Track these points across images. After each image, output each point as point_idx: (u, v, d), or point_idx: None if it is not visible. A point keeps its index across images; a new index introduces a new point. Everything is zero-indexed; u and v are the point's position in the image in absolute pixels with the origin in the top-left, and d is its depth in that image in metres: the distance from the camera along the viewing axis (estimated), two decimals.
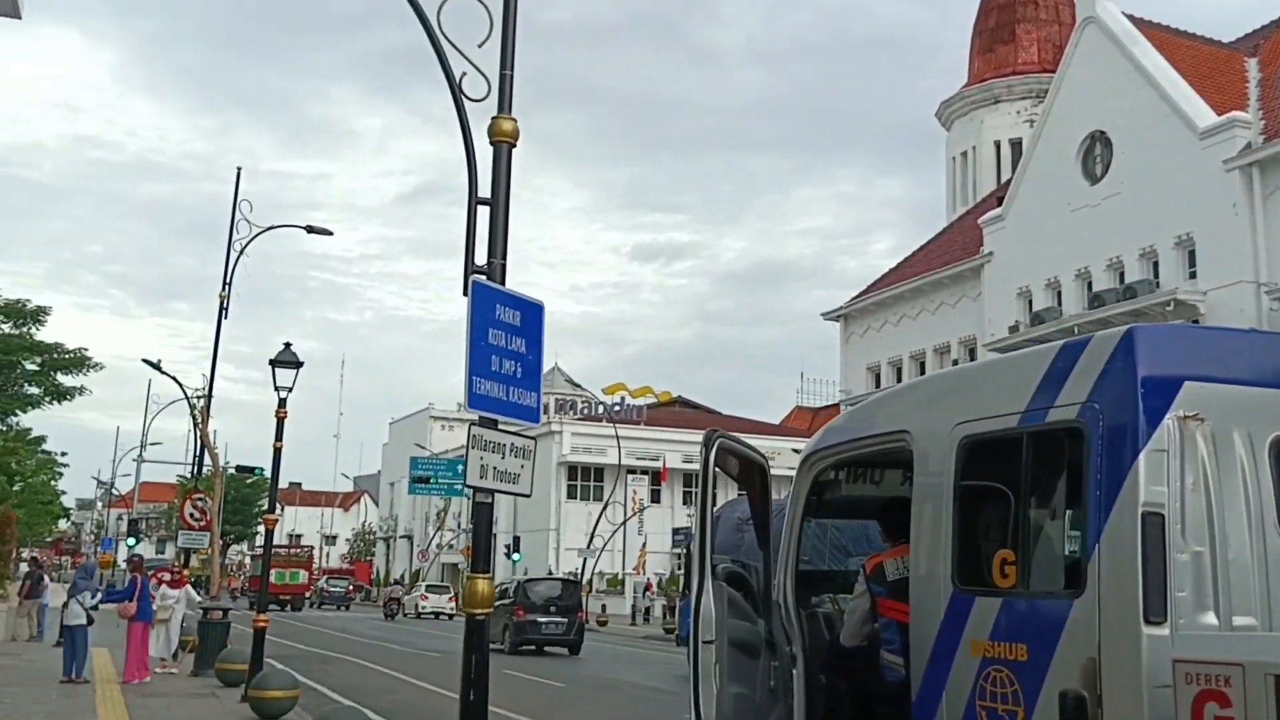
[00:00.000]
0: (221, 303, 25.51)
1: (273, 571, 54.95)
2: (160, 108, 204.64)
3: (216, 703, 15.13)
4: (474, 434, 7.08)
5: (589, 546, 54.73)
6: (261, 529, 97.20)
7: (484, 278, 7.30)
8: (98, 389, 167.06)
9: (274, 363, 15.86)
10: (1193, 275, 28.76)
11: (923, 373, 39.40)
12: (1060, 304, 32.75)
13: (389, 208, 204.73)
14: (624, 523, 59.95)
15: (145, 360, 26.76)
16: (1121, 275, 30.86)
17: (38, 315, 39.52)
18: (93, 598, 19.69)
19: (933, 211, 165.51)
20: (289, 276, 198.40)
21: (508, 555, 58.66)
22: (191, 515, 25.04)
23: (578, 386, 55.94)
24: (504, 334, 7.36)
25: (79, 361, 40.96)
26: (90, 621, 18.33)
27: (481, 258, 7.47)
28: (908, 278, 40.61)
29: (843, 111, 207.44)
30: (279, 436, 15.86)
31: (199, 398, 24.93)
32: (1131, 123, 30.79)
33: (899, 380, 40.34)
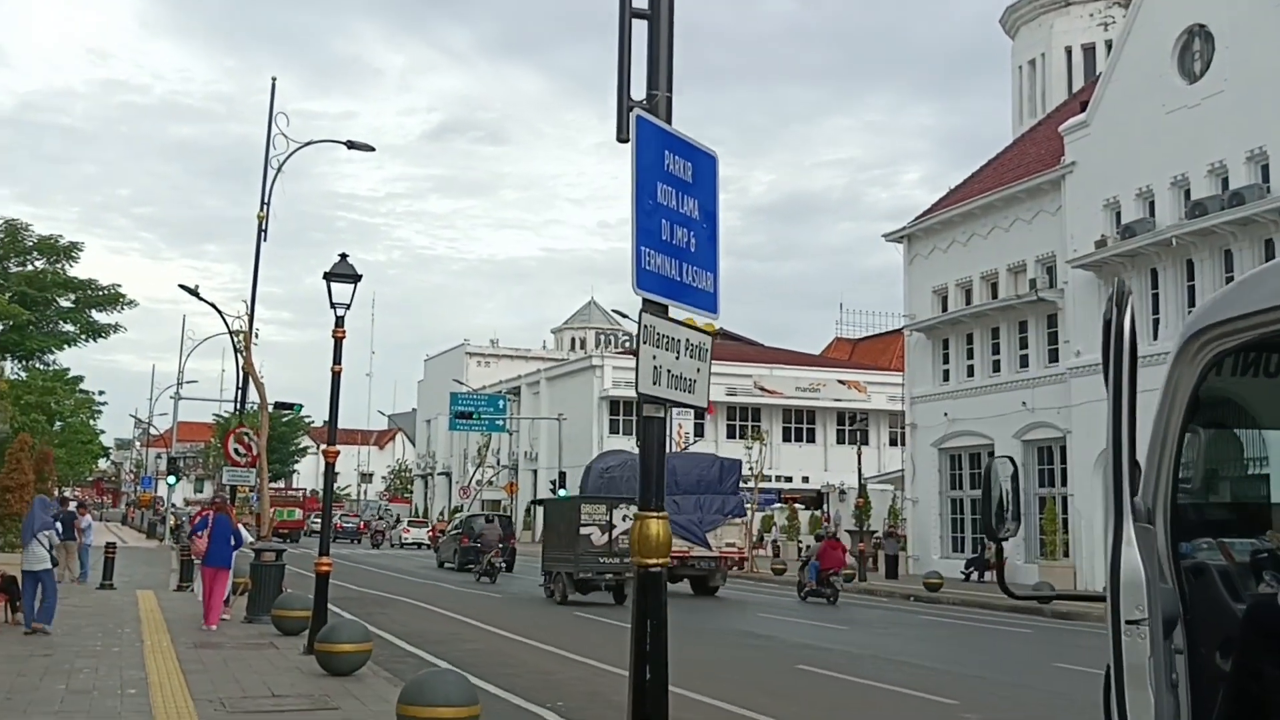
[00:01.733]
0: (260, 222, 23.84)
1: (272, 509, 56.42)
2: (184, 49, 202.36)
3: (278, 655, 13.56)
4: (645, 324, 5.26)
5: None
6: (300, 468, 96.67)
7: (648, 114, 5.40)
8: (132, 330, 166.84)
9: (329, 276, 14.08)
10: None
11: (995, 296, 37.29)
12: (1153, 215, 30.47)
13: (414, 146, 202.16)
14: None
15: (182, 286, 25.08)
16: (1225, 181, 28.53)
17: (70, 251, 38.06)
18: (60, 537, 17.52)
19: (966, 140, 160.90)
20: (317, 217, 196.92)
21: (553, 490, 57.28)
22: (236, 451, 23.53)
23: (624, 316, 53.94)
24: (674, 191, 5.48)
25: (113, 298, 39.61)
26: (55, 563, 15.95)
27: (639, 94, 5.56)
28: (977, 194, 38.27)
29: (874, 39, 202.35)
30: (337, 359, 14.13)
31: (238, 331, 23.24)
32: (1236, 14, 28.29)
33: (966, 305, 38.29)
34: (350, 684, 11.37)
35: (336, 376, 14.12)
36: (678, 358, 5.44)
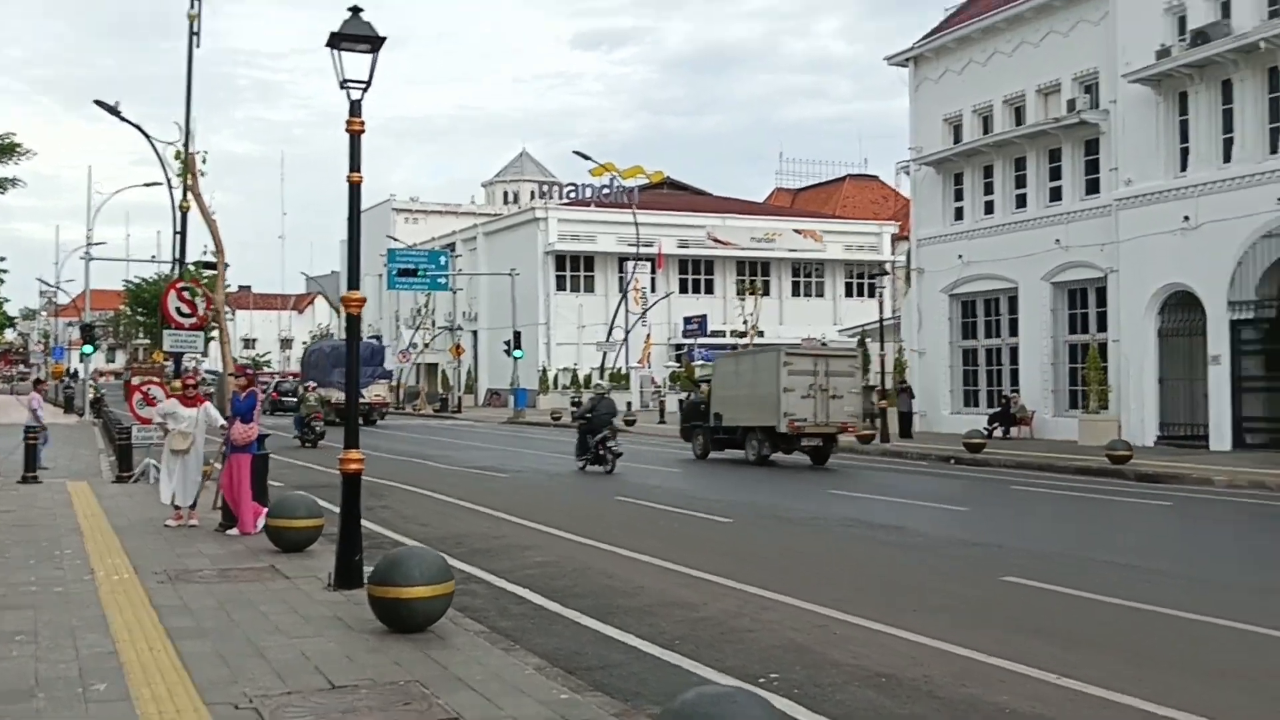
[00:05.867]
0: (191, 22, 18.95)
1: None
2: None
3: (296, 593, 9.46)
4: None
5: (609, 339, 49.09)
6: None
7: None
8: (33, 195, 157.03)
9: (338, 38, 9.52)
10: None
11: (1019, 122, 33.32)
12: (1228, 16, 26.54)
13: None
14: (644, 314, 54.44)
15: (99, 102, 19.96)
16: None
17: None
18: None
19: None
20: (217, 75, 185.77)
21: (508, 353, 53.10)
22: (178, 310, 18.93)
23: (584, 157, 49.01)
24: None
25: (8, 148, 35.29)
26: None
27: None
28: (997, 6, 33.97)
29: None
30: (354, 165, 9.71)
31: (179, 155, 18.46)
32: None
33: (985, 133, 34.32)
34: (436, 651, 7.39)
35: (355, 188, 9.72)
36: None
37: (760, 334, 51.03)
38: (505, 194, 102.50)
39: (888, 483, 20.82)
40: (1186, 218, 27.07)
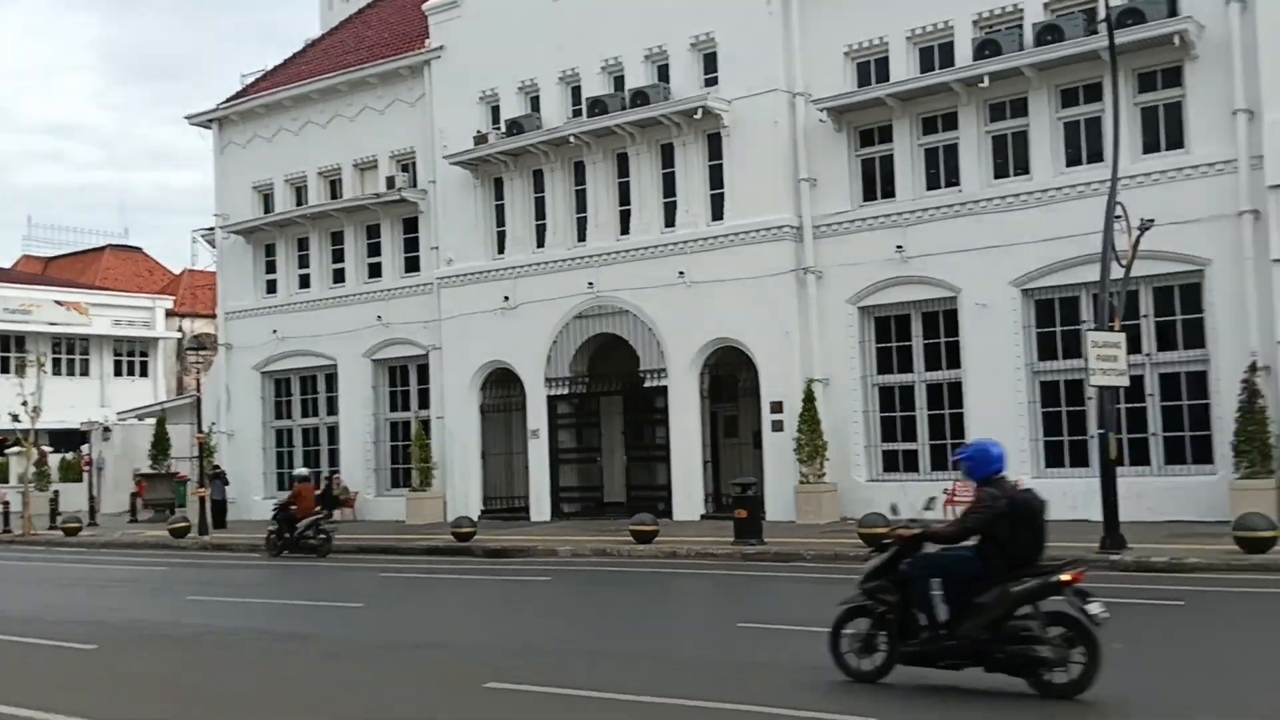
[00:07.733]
0: None
1: None
2: None
3: None
4: None
5: None
6: None
7: None
8: None
9: None
10: (710, 82, 25.79)
11: (335, 195, 32.64)
12: (538, 111, 28.10)
13: None
14: None
15: None
16: (619, 80, 26.99)
17: None
18: None
19: (137, 56, 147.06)
20: None
21: None
22: None
23: None
24: None
25: None
26: None
27: None
28: (308, 76, 33.10)
29: None
30: None
31: None
32: None
33: (299, 204, 33.15)
34: None
35: None
36: None
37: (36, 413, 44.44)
38: None
39: (246, 581, 18.55)
40: (507, 298, 28.12)
